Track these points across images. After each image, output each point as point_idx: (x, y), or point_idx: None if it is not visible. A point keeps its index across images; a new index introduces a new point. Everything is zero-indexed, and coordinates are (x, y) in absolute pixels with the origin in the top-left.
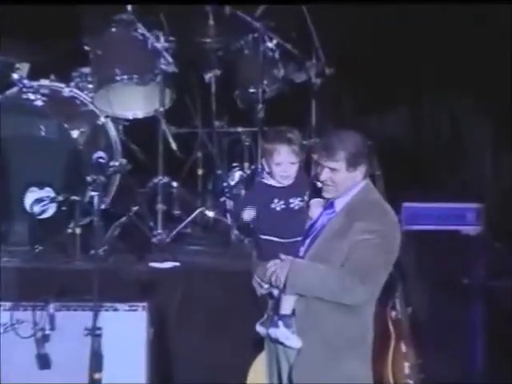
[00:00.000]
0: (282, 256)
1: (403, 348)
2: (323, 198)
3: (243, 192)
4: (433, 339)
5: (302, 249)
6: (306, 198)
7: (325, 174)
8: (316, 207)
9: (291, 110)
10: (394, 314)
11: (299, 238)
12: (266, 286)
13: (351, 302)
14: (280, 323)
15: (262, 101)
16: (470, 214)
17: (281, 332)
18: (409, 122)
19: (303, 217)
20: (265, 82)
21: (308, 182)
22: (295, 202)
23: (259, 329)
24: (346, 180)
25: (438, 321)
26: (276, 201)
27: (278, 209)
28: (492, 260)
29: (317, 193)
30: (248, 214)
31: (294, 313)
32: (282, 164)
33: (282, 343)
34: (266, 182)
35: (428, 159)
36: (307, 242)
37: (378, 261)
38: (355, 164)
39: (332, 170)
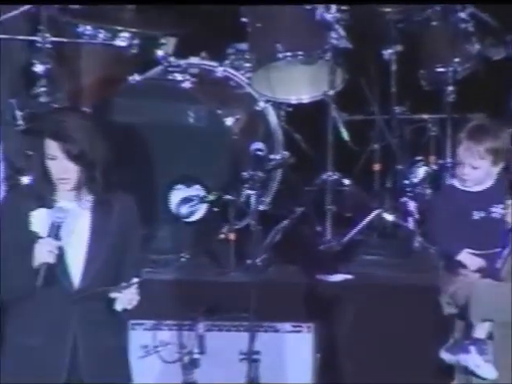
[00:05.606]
0: (470, 274)
1: None
2: None
3: (428, 192)
4: None
5: (499, 261)
6: (509, 203)
7: None
8: None
9: (487, 92)
10: None
11: (497, 250)
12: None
13: None
14: (472, 348)
15: (452, 82)
16: None
17: (472, 359)
18: None
19: (503, 226)
20: (456, 59)
21: (509, 186)
22: (497, 211)
23: (444, 355)
24: None
25: None
26: (475, 209)
27: (476, 217)
28: None
29: None
30: (441, 223)
31: (490, 337)
32: (462, 164)
33: (472, 372)
34: (458, 186)
35: None
36: (505, 252)
37: None
38: None
39: None
